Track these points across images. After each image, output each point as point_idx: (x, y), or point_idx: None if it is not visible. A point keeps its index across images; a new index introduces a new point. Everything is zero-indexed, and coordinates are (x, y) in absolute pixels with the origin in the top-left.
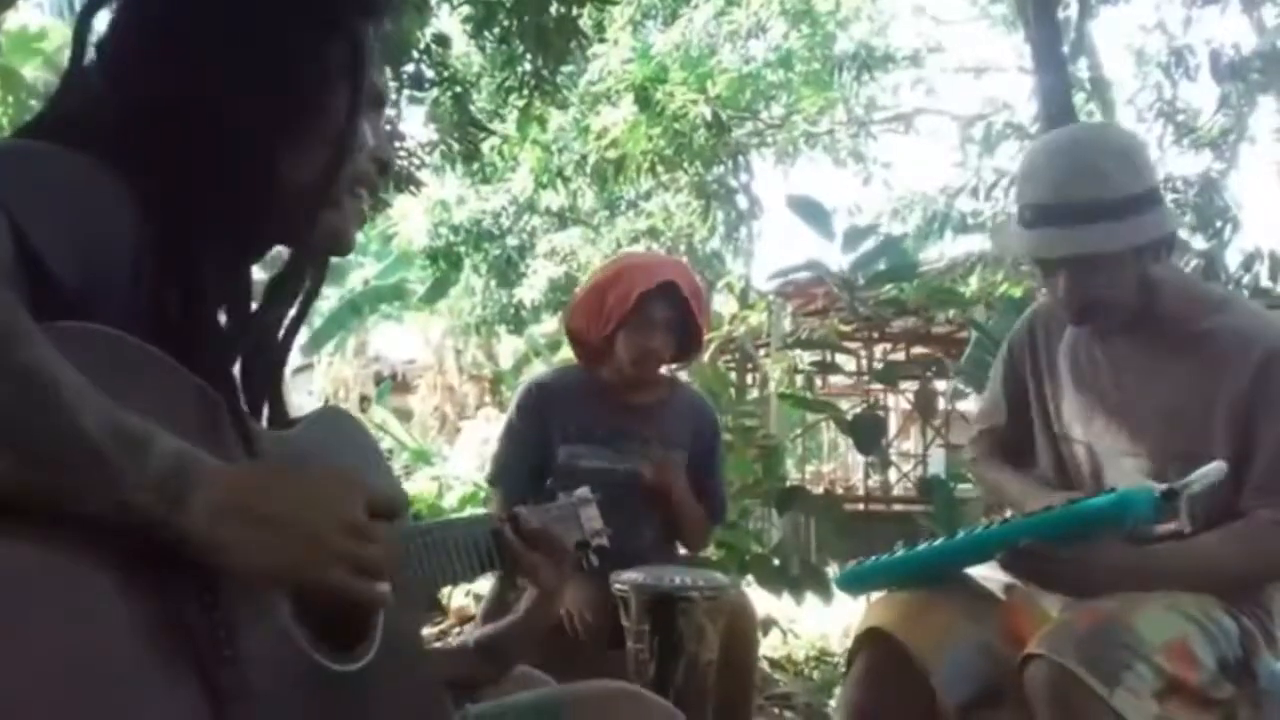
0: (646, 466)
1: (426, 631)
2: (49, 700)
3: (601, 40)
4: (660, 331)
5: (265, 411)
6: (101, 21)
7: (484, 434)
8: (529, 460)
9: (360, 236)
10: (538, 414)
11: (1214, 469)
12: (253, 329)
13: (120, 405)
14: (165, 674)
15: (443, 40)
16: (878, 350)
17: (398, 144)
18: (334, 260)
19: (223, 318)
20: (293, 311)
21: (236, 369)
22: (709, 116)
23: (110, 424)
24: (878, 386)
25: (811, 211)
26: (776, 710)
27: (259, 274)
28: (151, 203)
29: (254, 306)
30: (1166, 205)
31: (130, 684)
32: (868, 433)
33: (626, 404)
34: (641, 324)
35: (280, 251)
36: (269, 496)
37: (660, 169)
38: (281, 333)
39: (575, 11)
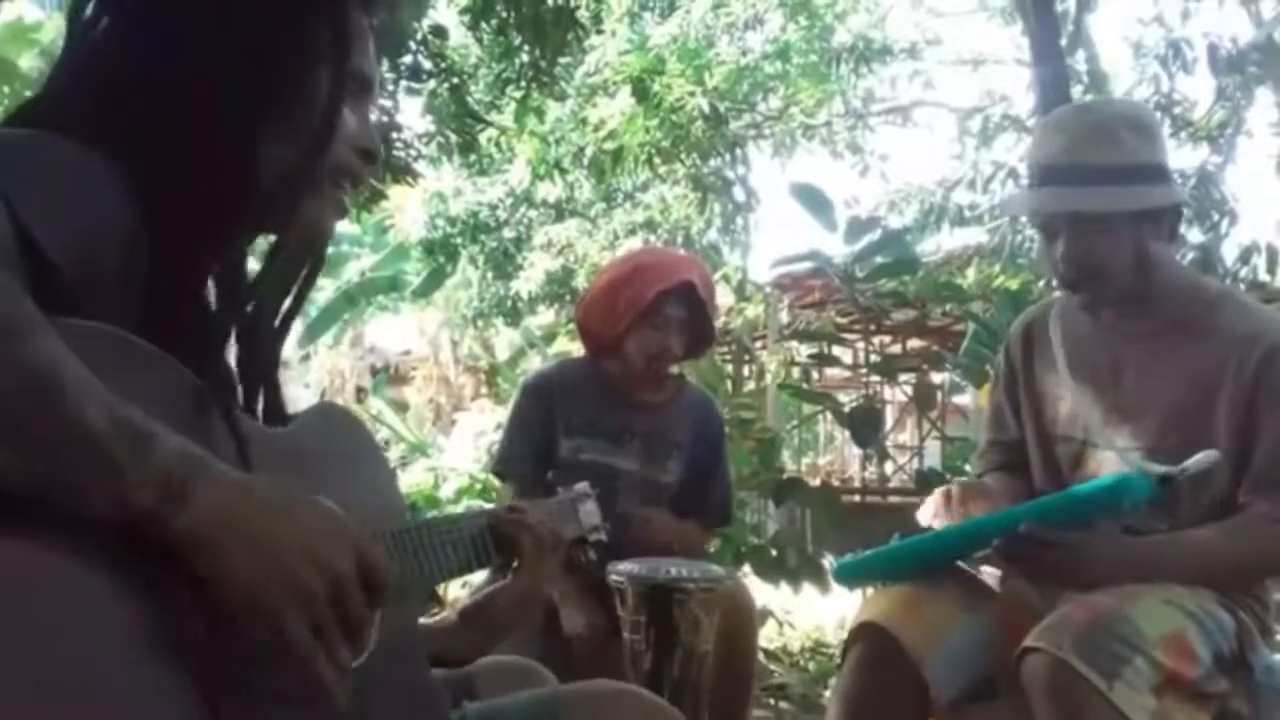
0: (632, 519)
1: (424, 623)
2: (44, 700)
3: (599, 32)
4: (674, 330)
5: (260, 404)
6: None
7: (479, 426)
8: (536, 449)
9: (356, 228)
10: (544, 404)
11: (1209, 456)
12: (246, 320)
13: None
14: (162, 673)
15: (440, 31)
16: (875, 342)
17: (395, 135)
18: (330, 251)
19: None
20: (287, 303)
21: (231, 361)
22: (706, 108)
23: (115, 419)
24: (874, 379)
25: (815, 200)
26: (772, 701)
27: (251, 264)
28: (142, 188)
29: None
30: (1175, 184)
31: (126, 683)
32: (865, 425)
33: (632, 400)
34: (656, 323)
35: (269, 242)
36: (264, 516)
37: (657, 161)
38: (276, 324)
39: (572, 3)
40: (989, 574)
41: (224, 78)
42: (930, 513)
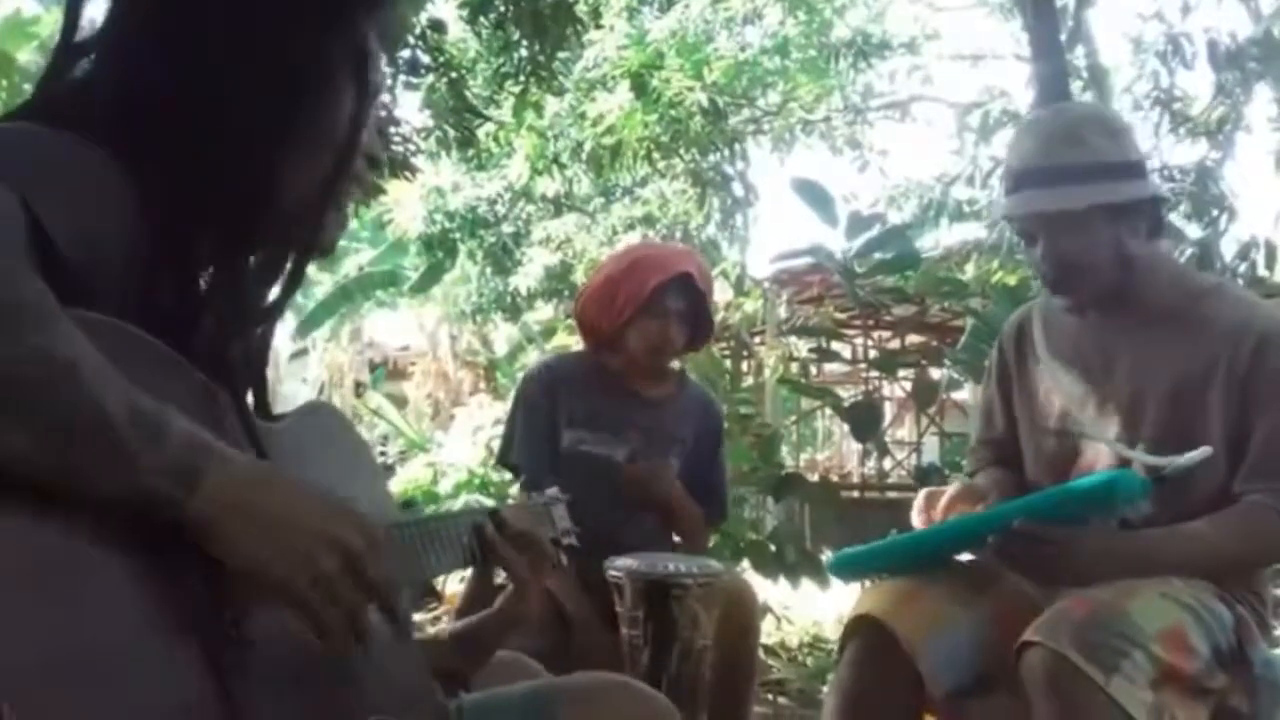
0: (642, 470)
1: (421, 618)
2: (54, 676)
3: (598, 26)
4: (674, 322)
5: (249, 400)
6: (93, 4)
7: (478, 421)
8: (546, 438)
9: (354, 223)
10: (548, 395)
11: (1204, 451)
12: (241, 317)
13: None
14: (170, 651)
15: (438, 26)
16: (874, 338)
17: (393, 130)
18: None
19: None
20: (276, 300)
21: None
22: (705, 103)
23: (128, 406)
24: (874, 374)
25: (815, 195)
26: (770, 696)
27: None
28: (149, 191)
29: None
30: (1149, 181)
31: (135, 660)
32: (865, 420)
33: (633, 394)
34: (656, 315)
35: None
36: (277, 500)
37: (656, 156)
38: (265, 321)
39: None
40: (987, 568)
41: (247, 98)
42: (916, 511)
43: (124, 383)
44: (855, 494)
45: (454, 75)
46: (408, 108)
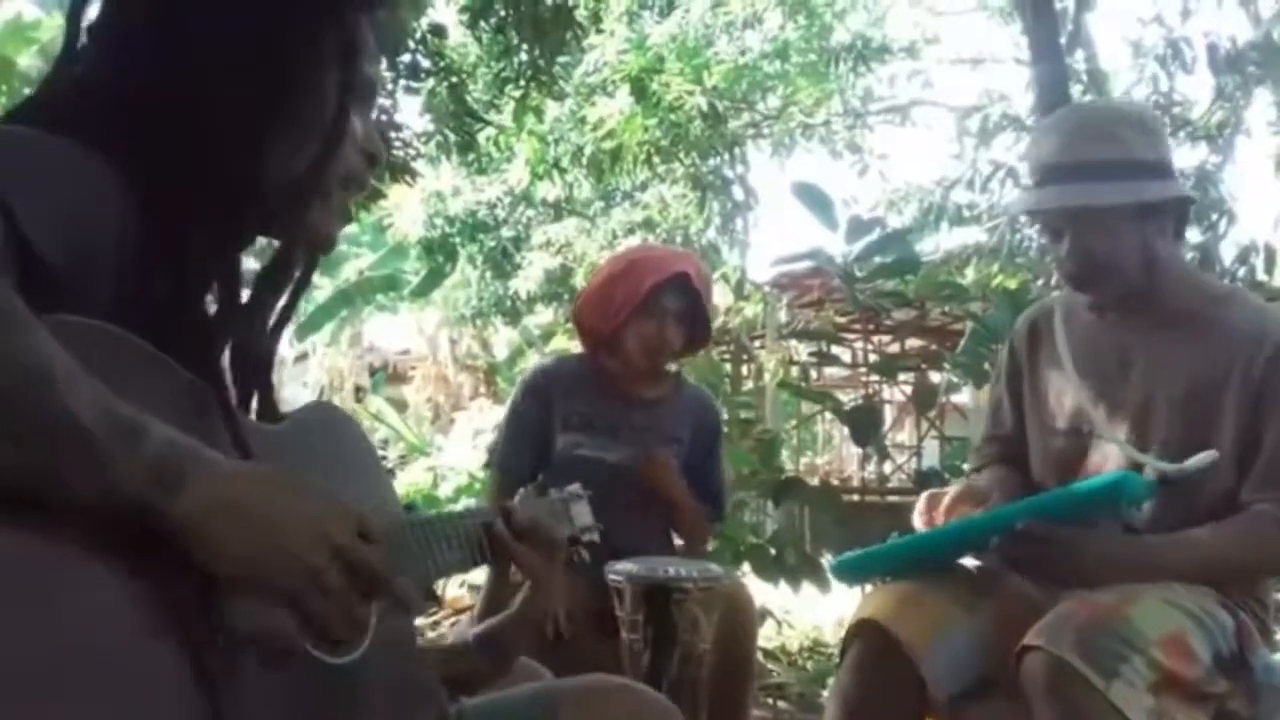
0: (642, 460)
1: (421, 622)
2: (38, 681)
3: (598, 31)
4: (672, 322)
5: (254, 403)
6: (94, 7)
7: (478, 425)
8: (531, 445)
9: (354, 227)
10: (542, 399)
11: (1209, 456)
12: (241, 319)
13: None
14: (157, 656)
15: (439, 30)
16: (873, 342)
17: (393, 134)
18: None
19: (212, 307)
20: (282, 303)
21: (225, 360)
22: (705, 107)
23: (102, 411)
24: (874, 378)
25: (816, 199)
26: (770, 700)
27: (249, 264)
28: (140, 188)
29: (244, 296)
30: (1177, 180)
31: (121, 664)
32: (865, 424)
33: (630, 396)
34: (653, 315)
35: (268, 241)
36: (262, 499)
37: (656, 160)
38: (271, 324)
39: (571, 2)
40: (989, 571)
41: (235, 85)
42: (917, 513)
43: (99, 388)
44: (855, 498)
45: (454, 80)
46: (408, 112)
